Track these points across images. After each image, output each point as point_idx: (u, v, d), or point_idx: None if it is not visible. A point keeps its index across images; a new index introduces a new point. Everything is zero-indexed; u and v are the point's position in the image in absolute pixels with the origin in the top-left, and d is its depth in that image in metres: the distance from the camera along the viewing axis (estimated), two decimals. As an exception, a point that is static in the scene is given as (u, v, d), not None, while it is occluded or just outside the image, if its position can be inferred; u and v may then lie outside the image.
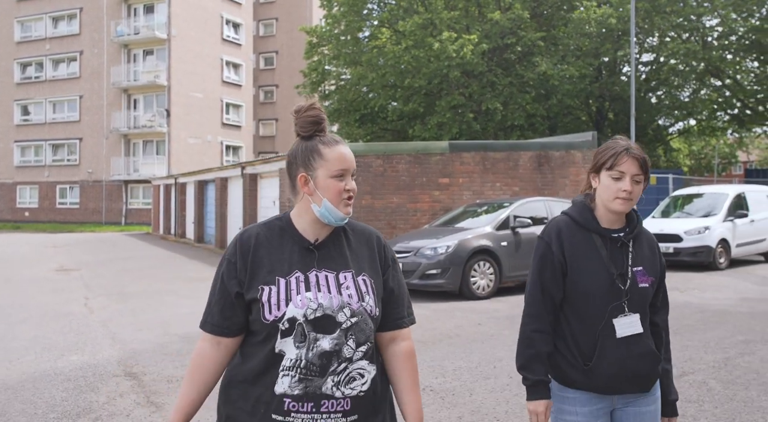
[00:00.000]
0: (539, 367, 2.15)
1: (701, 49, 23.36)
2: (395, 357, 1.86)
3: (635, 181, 2.09)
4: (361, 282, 1.80)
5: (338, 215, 1.80)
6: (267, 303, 1.74)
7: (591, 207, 2.20)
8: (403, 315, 1.89)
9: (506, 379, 5.56)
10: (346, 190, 1.80)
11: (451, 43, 21.50)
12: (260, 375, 1.74)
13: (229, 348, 1.84)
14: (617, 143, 2.15)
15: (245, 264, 1.79)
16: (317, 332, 1.73)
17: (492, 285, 10.37)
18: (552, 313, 2.17)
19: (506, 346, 6.80)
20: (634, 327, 2.11)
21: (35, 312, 9.07)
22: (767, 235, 15.49)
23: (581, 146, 15.58)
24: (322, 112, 1.86)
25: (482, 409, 4.80)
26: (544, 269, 2.16)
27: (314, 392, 1.71)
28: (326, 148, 1.80)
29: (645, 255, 2.19)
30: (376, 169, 13.42)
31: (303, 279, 1.77)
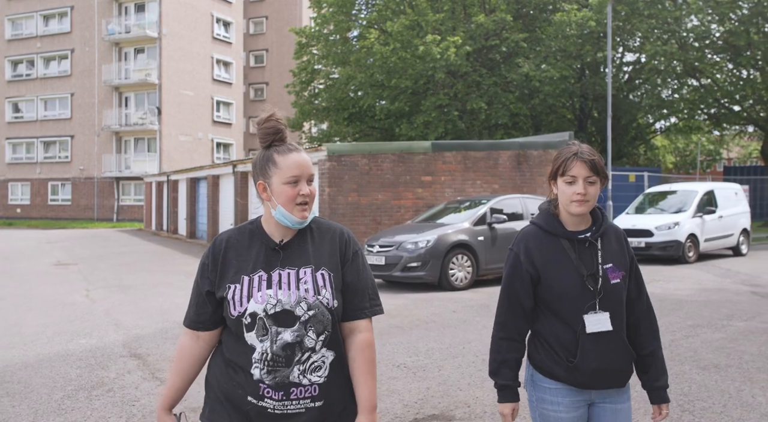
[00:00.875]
0: (507, 372, 2.26)
1: (678, 51, 24.13)
2: (352, 348, 1.98)
3: (589, 183, 2.17)
4: (319, 277, 1.93)
5: (292, 219, 1.93)
6: (232, 299, 1.91)
7: (555, 212, 2.28)
8: (362, 307, 1.99)
9: (473, 358, 6.25)
10: (301, 194, 1.92)
11: (436, 45, 22.17)
12: (238, 362, 1.91)
13: (207, 341, 2.02)
14: (569, 149, 2.23)
15: (216, 265, 1.97)
16: (278, 325, 1.87)
17: (469, 277, 11.06)
18: (521, 320, 2.27)
19: (476, 331, 7.49)
20: (603, 324, 2.19)
21: (40, 302, 9.68)
22: (735, 231, 16.29)
23: (559, 145, 16.28)
24: (280, 123, 1.97)
25: (448, 381, 5.47)
26: (513, 280, 2.27)
27: (283, 381, 1.86)
28: (280, 157, 1.93)
29: (613, 250, 2.27)
30: (362, 167, 14.08)
31: (266, 278, 1.91)
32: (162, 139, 39.04)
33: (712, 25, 25.39)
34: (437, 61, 22.24)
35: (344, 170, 13.88)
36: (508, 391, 2.27)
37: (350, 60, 26.18)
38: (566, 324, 2.20)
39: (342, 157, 13.94)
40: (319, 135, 30.92)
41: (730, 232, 16.16)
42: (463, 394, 5.12)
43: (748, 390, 5.12)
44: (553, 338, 2.22)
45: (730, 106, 26.87)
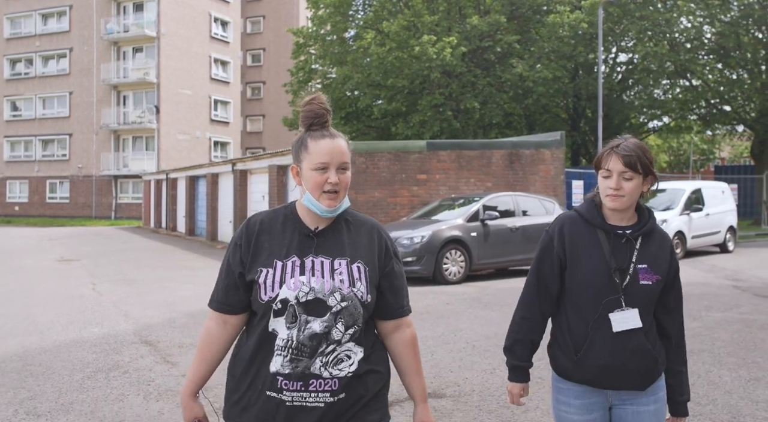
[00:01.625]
0: (521, 352, 2.25)
1: (668, 52, 24.60)
2: (400, 343, 1.97)
3: (624, 178, 2.12)
4: (355, 269, 1.88)
5: (319, 207, 1.88)
6: (263, 284, 1.85)
7: (599, 204, 2.24)
8: (403, 304, 2.00)
9: (463, 344, 6.66)
10: (328, 182, 1.86)
11: (431, 46, 22.58)
12: (257, 353, 1.86)
13: (234, 326, 1.97)
14: (612, 143, 2.19)
15: (249, 247, 1.92)
16: (308, 314, 1.82)
17: (463, 271, 11.49)
18: (546, 303, 2.25)
19: (468, 321, 7.91)
20: (633, 321, 2.13)
21: (50, 295, 10.06)
22: (722, 228, 16.76)
23: (550, 145, 16.74)
24: (320, 107, 1.92)
25: (440, 365, 5.89)
26: (543, 261, 2.24)
27: (303, 372, 1.81)
28: (312, 141, 1.88)
29: (653, 253, 2.19)
30: (359, 166, 14.49)
31: (299, 264, 1.86)
32: (160, 138, 39.35)
33: (703, 26, 25.90)
34: (433, 62, 22.66)
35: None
36: (519, 371, 2.26)
37: (347, 60, 26.58)
38: (581, 316, 2.16)
39: (339, 156, 14.33)
40: (316, 134, 31.26)
41: (717, 230, 16.62)
42: (454, 375, 5.54)
43: (716, 372, 5.54)
44: (567, 329, 2.20)
45: (720, 106, 27.36)
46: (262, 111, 51.09)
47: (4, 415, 4.54)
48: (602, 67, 28.23)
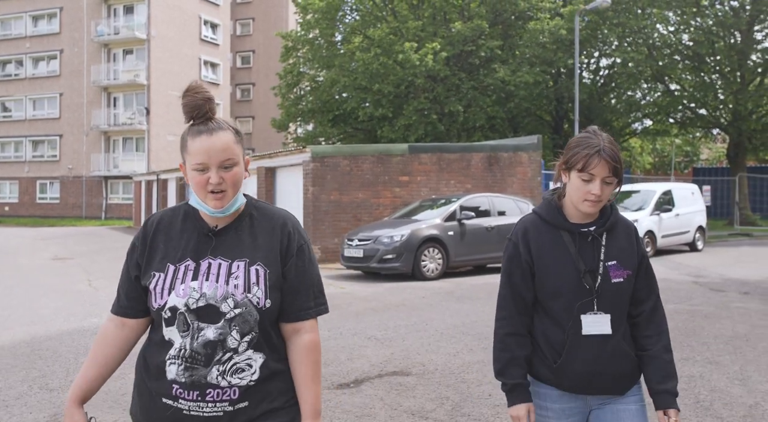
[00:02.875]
0: (516, 371, 2.10)
1: (645, 58, 25.43)
2: (296, 350, 1.82)
3: (606, 183, 2.02)
4: (253, 272, 1.75)
5: (206, 208, 1.77)
6: (153, 291, 1.75)
7: (559, 203, 2.15)
8: (306, 307, 1.83)
9: (433, 332, 7.32)
10: (210, 182, 1.73)
11: (414, 52, 23.27)
12: (156, 360, 1.75)
13: (133, 330, 1.85)
14: (590, 141, 2.04)
15: (144, 248, 1.81)
16: (201, 321, 1.71)
17: (440, 268, 12.16)
18: (525, 314, 2.13)
19: (440, 312, 8.58)
20: (602, 327, 2.05)
21: (49, 290, 10.64)
22: (691, 228, 17.54)
23: (527, 148, 17.47)
24: (199, 97, 1.75)
25: (409, 349, 6.55)
26: (513, 271, 2.13)
27: (199, 381, 1.70)
28: (190, 139, 1.74)
29: (620, 247, 2.11)
30: (343, 168, 15.15)
31: (192, 268, 1.75)
32: (150, 139, 39.79)
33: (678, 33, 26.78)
34: (416, 68, 23.33)
35: (327, 170, 14.94)
36: (520, 390, 2.10)
37: (335, 64, 27.21)
38: (556, 322, 2.08)
39: (325, 158, 15.00)
40: (304, 136, 31.90)
41: (686, 229, 17.39)
42: (420, 357, 6.20)
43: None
44: (542, 338, 2.10)
45: (696, 110, 28.23)
46: (252, 112, 51.60)
47: (20, 390, 5.16)
48: (580, 73, 29.09)
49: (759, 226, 26.27)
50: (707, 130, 29.77)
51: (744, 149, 28.14)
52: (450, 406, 4.78)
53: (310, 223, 14.76)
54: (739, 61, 25.63)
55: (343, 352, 6.37)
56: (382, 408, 4.74)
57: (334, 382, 5.38)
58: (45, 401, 4.89)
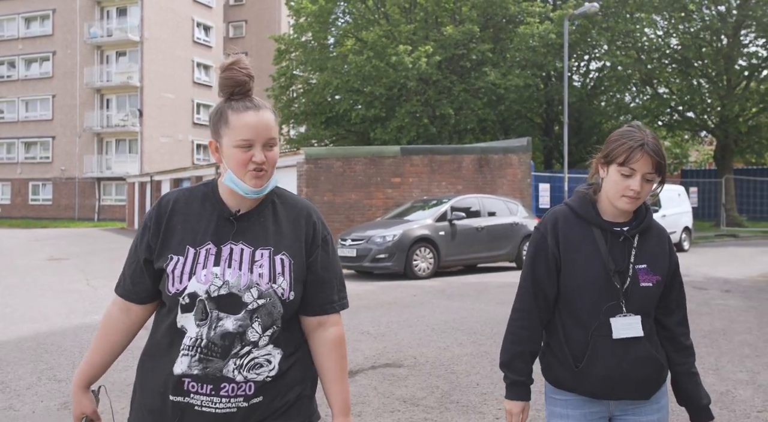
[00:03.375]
0: (522, 367, 2.04)
1: (633, 61, 25.85)
2: (321, 344, 1.76)
3: (646, 180, 1.94)
4: (278, 262, 1.69)
5: (243, 187, 1.68)
6: (171, 274, 1.66)
7: (594, 198, 2.05)
8: (331, 300, 1.78)
9: (424, 327, 7.60)
10: (254, 161, 1.66)
11: (407, 55, 23.59)
12: (165, 350, 1.67)
13: (139, 316, 1.78)
14: (632, 135, 1.94)
15: (159, 229, 1.72)
16: (221, 311, 1.63)
17: (431, 267, 12.44)
18: (543, 310, 2.05)
19: (431, 309, 8.85)
20: (634, 329, 1.96)
21: (48, 289, 10.85)
22: (677, 228, 17.92)
23: (517, 150, 17.79)
24: (241, 73, 1.71)
25: (402, 343, 6.82)
26: (538, 263, 2.04)
27: (214, 374, 1.62)
28: (233, 114, 1.67)
29: (652, 251, 2.02)
30: (336, 169, 15.42)
31: (214, 252, 1.67)
32: (143, 141, 39.93)
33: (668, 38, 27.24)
34: (409, 71, 23.65)
35: (321, 172, 15.21)
36: (520, 388, 2.04)
37: (327, 66, 27.49)
38: (580, 323, 1.98)
39: (318, 160, 15.26)
40: (297, 137, 32.15)
41: (673, 230, 17.76)
42: (412, 351, 6.47)
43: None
44: (563, 337, 2.01)
45: (684, 113, 28.68)
46: (244, 114, 51.81)
47: (30, 380, 5.40)
48: (570, 76, 29.51)
49: (745, 227, 26.72)
50: (695, 132, 30.20)
51: (731, 151, 28.61)
52: (440, 394, 5.05)
53: (304, 224, 15.00)
54: (726, 65, 26.09)
55: (337, 346, 6.62)
56: (376, 396, 5.01)
57: (330, 373, 5.64)
58: (54, 390, 5.14)
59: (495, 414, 4.59)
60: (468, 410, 4.69)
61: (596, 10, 20.35)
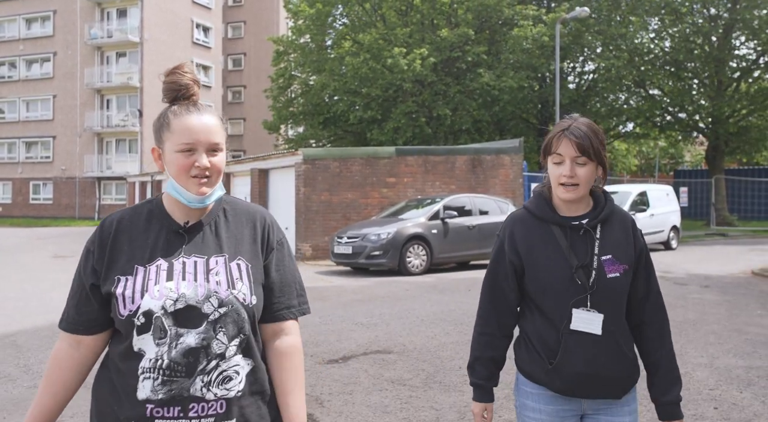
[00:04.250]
0: (481, 371, 2.08)
1: (625, 64, 26.37)
2: (275, 354, 1.69)
3: (577, 164, 1.92)
4: (234, 268, 1.63)
5: (187, 195, 1.61)
6: (121, 296, 1.57)
7: (549, 196, 2.05)
8: (288, 305, 1.72)
9: (414, 319, 8.08)
10: (196, 166, 1.59)
11: (403, 58, 24.09)
12: (123, 378, 1.57)
13: (90, 349, 1.66)
14: (561, 124, 1.98)
15: (103, 252, 1.63)
16: (179, 326, 1.55)
17: (424, 264, 12.93)
18: (504, 314, 2.07)
19: (422, 302, 9.34)
20: (591, 325, 1.94)
21: (57, 284, 11.32)
22: (665, 227, 18.41)
23: (509, 151, 18.29)
24: (184, 76, 1.66)
25: (392, 332, 7.30)
26: (497, 270, 2.07)
27: (180, 394, 1.53)
28: (175, 119, 1.61)
29: (616, 240, 2.00)
30: (333, 169, 15.90)
31: (165, 267, 1.59)
32: (143, 141, 40.34)
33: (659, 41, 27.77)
34: (404, 73, 24.14)
35: (318, 172, 15.69)
36: (480, 390, 2.09)
37: (325, 68, 27.97)
38: (549, 321, 1.98)
39: (316, 161, 15.75)
40: (295, 137, 32.63)
41: (661, 229, 18.26)
42: (402, 339, 6.96)
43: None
44: (536, 336, 2.01)
45: (676, 114, 29.20)
46: (243, 114, 52.22)
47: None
48: (564, 78, 30.00)
49: (735, 227, 27.23)
50: (687, 133, 30.72)
51: (722, 152, 29.12)
52: (425, 376, 5.54)
53: (302, 222, 15.50)
54: (717, 67, 26.60)
55: (332, 335, 7.11)
56: (367, 378, 5.50)
57: (325, 358, 6.13)
58: (73, 373, 5.62)
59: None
60: (449, 389, 5.18)
61: (587, 14, 20.86)
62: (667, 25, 26.22)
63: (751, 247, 19.43)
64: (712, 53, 26.59)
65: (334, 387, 5.23)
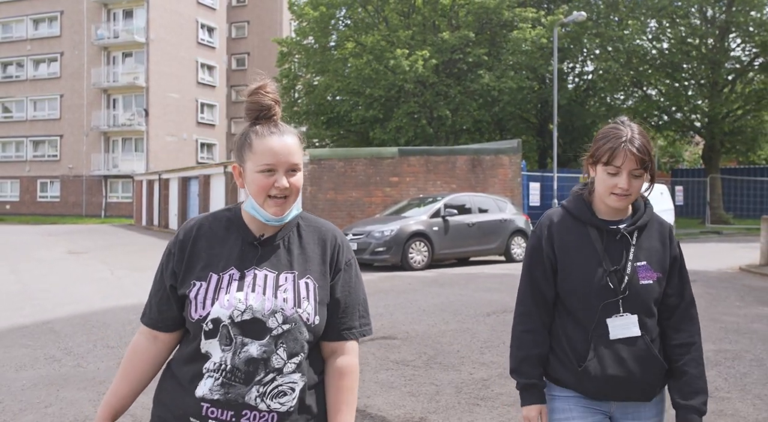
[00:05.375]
0: (531, 370, 2.03)
1: (621, 67, 27.00)
2: (332, 372, 1.72)
3: (633, 176, 1.93)
4: (303, 286, 1.67)
5: (264, 214, 1.67)
6: (194, 300, 1.64)
7: (588, 198, 2.06)
8: (350, 326, 1.74)
9: (416, 309, 8.71)
10: (276, 186, 1.64)
11: (405, 59, 24.73)
12: (188, 376, 1.65)
13: (166, 344, 1.76)
14: (618, 132, 1.96)
15: (183, 255, 1.71)
16: (245, 336, 1.61)
17: (426, 260, 13.56)
18: (544, 311, 2.06)
19: (423, 294, 9.97)
20: (629, 329, 1.95)
21: (77, 278, 11.96)
22: (659, 225, 19.02)
23: (508, 151, 18.93)
24: (267, 97, 1.69)
25: (396, 321, 7.93)
26: (535, 266, 2.06)
27: (236, 400, 1.59)
28: (257, 139, 1.66)
29: (652, 247, 2.01)
30: (338, 169, 16.54)
31: (237, 278, 1.65)
32: (149, 140, 41.05)
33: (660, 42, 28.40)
34: (407, 74, 24.78)
35: (324, 172, 16.34)
36: (534, 391, 2.04)
37: (329, 69, 28.60)
38: (579, 323, 1.99)
39: (322, 161, 16.39)
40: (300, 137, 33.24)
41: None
42: (405, 327, 7.59)
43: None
44: (565, 338, 2.02)
45: (673, 114, 29.82)
46: (247, 113, 52.88)
47: (87, 347, 6.51)
48: (564, 79, 30.61)
49: (731, 225, 27.82)
50: (683, 132, 31.33)
51: (718, 152, 29.72)
52: (426, 358, 6.17)
53: (308, 220, 16.14)
54: (712, 68, 27.21)
55: (341, 323, 7.74)
56: (374, 359, 6.12)
57: (336, 343, 6.76)
58: (110, 354, 6.26)
59: (469, 371, 5.71)
60: (448, 368, 5.81)
61: (584, 18, 21.46)
62: (665, 27, 26.81)
63: (743, 245, 19.99)
64: (707, 55, 27.19)
65: (345, 367, 5.85)
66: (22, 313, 8.37)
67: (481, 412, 4.67)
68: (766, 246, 13.61)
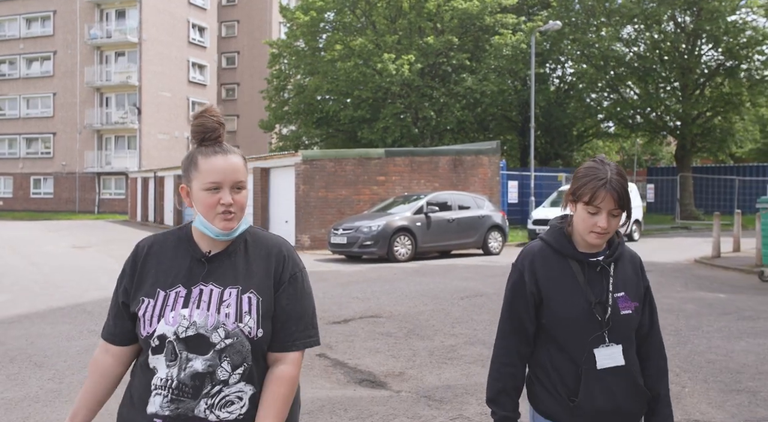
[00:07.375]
0: (507, 402, 2.06)
1: (596, 72, 28.42)
2: (269, 379, 1.76)
3: (612, 215, 1.97)
4: (245, 301, 1.73)
5: (213, 230, 1.73)
6: (143, 318, 1.72)
7: (568, 231, 2.09)
8: (292, 337, 1.79)
9: (400, 294, 9.95)
10: (221, 203, 1.71)
11: (392, 63, 25.96)
12: (139, 391, 1.74)
13: (117, 358, 1.83)
14: (597, 173, 1.99)
15: (134, 273, 1.79)
16: (189, 351, 1.68)
17: (410, 252, 14.82)
18: (525, 345, 2.08)
19: (407, 282, 11.22)
20: (615, 358, 2.00)
21: (90, 269, 13.08)
22: (628, 221, 20.36)
23: (488, 152, 20.22)
24: (211, 120, 1.77)
25: (382, 304, 9.17)
26: (516, 301, 2.08)
27: (185, 414, 1.66)
28: (202, 159, 1.74)
29: (628, 278, 2.08)
30: (329, 169, 17.76)
31: (183, 295, 1.73)
32: (141, 137, 41.94)
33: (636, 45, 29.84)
34: (393, 77, 26.01)
35: (315, 171, 17.55)
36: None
37: (318, 71, 29.76)
38: (568, 356, 2.01)
39: (313, 161, 17.60)
40: (289, 135, 34.41)
41: (624, 222, 20.22)
42: (389, 308, 8.83)
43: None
44: (554, 372, 2.03)
45: (648, 115, 31.29)
46: (237, 111, 53.83)
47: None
48: (546, 81, 31.97)
49: (700, 221, 29.33)
50: (656, 133, 32.81)
51: (689, 151, 31.23)
52: (406, 331, 7.42)
53: (301, 216, 17.35)
54: (683, 72, 28.68)
55: (334, 305, 8.98)
56: (363, 332, 7.36)
57: (330, 320, 7.98)
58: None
59: (441, 340, 6.96)
60: (423, 338, 7.07)
61: (559, 27, 22.76)
62: (641, 31, 28.25)
63: (708, 239, 21.33)
64: (678, 60, 28.64)
65: (339, 338, 7.08)
66: (54, 298, 9.53)
67: (447, 369, 5.93)
68: (717, 240, 14.99)
